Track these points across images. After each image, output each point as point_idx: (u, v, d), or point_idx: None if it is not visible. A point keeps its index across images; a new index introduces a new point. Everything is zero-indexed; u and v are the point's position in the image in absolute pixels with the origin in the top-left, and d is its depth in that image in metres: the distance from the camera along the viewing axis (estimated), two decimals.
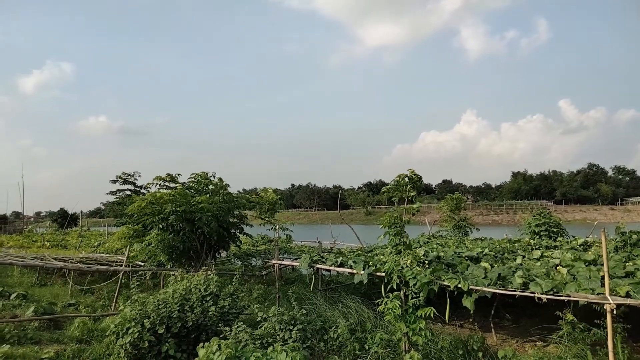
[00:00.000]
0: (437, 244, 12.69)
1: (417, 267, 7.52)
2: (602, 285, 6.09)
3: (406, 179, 9.34)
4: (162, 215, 12.14)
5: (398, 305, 7.23)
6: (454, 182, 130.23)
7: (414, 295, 7.32)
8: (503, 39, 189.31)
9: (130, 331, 6.88)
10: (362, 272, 8.55)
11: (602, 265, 6.17)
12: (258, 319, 7.37)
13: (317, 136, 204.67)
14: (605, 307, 5.77)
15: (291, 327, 6.81)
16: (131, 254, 13.85)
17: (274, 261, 11.01)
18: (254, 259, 16.22)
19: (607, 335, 5.69)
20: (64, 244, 26.39)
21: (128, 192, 18.25)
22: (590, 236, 12.19)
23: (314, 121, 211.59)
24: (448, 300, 7.44)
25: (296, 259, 12.01)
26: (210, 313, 7.49)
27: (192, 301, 7.70)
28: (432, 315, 6.92)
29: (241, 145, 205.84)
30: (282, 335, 6.74)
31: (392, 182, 9.50)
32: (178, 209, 12.09)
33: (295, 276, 15.76)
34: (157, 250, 12.47)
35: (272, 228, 11.97)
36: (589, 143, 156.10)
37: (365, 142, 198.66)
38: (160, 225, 12.16)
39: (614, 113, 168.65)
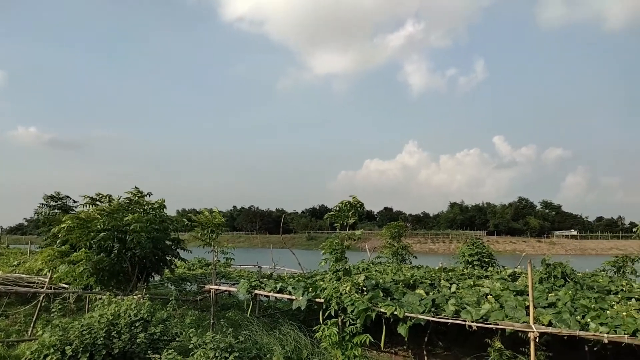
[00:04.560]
0: (376, 270, 12.87)
1: (356, 294, 7.57)
2: (528, 314, 6.42)
3: (348, 205, 9.50)
4: (90, 235, 11.46)
5: (335, 332, 7.23)
6: (394, 210, 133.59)
7: (352, 322, 7.35)
8: (444, 76, 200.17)
9: (48, 358, 6.36)
10: (301, 298, 8.48)
11: (528, 295, 6.52)
12: (190, 346, 7.06)
13: (262, 159, 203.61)
14: (529, 335, 6.08)
15: (227, 355, 6.59)
16: (55, 275, 12.90)
17: (210, 286, 10.67)
18: (189, 283, 15.64)
19: None
20: None
21: (56, 211, 17.15)
22: (518, 267, 12.87)
23: (261, 143, 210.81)
24: (384, 327, 7.52)
25: (234, 284, 11.72)
26: (139, 340, 7.08)
27: (120, 327, 7.24)
28: (367, 342, 6.96)
29: (187, 165, 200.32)
30: None
31: (335, 208, 9.62)
32: (108, 227, 11.47)
33: (232, 302, 15.32)
34: (83, 271, 11.70)
35: (211, 251, 11.62)
36: (520, 178, 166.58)
37: (311, 167, 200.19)
38: (88, 245, 11.47)
39: (544, 151, 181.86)
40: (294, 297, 8.74)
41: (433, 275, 10.79)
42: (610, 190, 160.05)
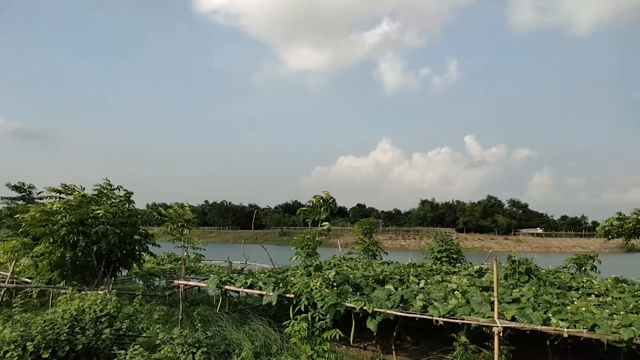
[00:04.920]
0: (347, 266, 12.96)
1: (326, 289, 7.61)
2: (492, 309, 6.59)
3: (321, 201, 9.50)
4: (54, 227, 11.09)
5: (305, 327, 7.24)
6: (367, 207, 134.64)
7: (322, 317, 7.38)
8: (418, 76, 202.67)
9: (8, 355, 6.14)
10: (272, 293, 8.46)
11: (493, 291, 6.69)
12: (158, 342, 6.95)
13: (235, 153, 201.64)
14: (493, 330, 6.24)
15: (194, 350, 6.52)
16: (17, 269, 12.46)
17: (179, 281, 10.52)
18: (157, 278, 15.37)
19: (494, 356, 6.15)
20: None
21: (19, 202, 16.55)
22: (485, 263, 13.19)
23: (235, 138, 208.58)
24: (354, 322, 7.59)
25: (204, 280, 11.58)
26: (104, 336, 6.92)
27: (85, 322, 7.06)
28: (337, 337, 7.01)
29: (159, 159, 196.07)
30: (183, 359, 6.42)
31: (307, 204, 9.61)
32: (72, 220, 11.13)
33: (201, 297, 15.14)
34: (46, 265, 11.33)
35: (181, 246, 11.45)
36: (489, 177, 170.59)
37: (286, 162, 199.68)
38: (52, 238, 11.10)
39: (512, 151, 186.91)
40: (264, 293, 8.71)
41: (402, 271, 10.95)
42: (575, 191, 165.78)
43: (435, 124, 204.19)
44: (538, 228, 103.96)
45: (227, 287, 9.66)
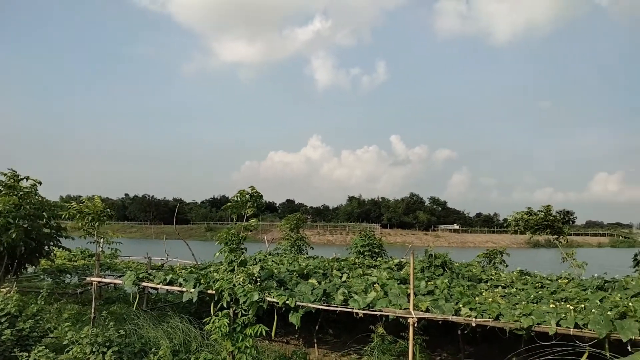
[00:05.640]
0: (273, 261, 12.93)
1: (249, 285, 7.53)
2: (409, 301, 6.90)
3: (247, 196, 9.37)
4: None
5: (226, 324, 7.12)
6: (296, 202, 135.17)
7: (244, 313, 7.30)
8: (348, 74, 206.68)
9: None
10: (193, 290, 8.22)
11: (410, 283, 7.01)
12: (66, 342, 6.51)
13: (161, 145, 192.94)
14: (409, 321, 6.54)
15: (105, 350, 6.17)
16: None
17: (92, 278, 9.90)
18: (69, 275, 14.35)
19: (409, 345, 6.44)
20: None
21: None
22: (405, 257, 13.77)
23: (160, 129, 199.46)
24: (276, 317, 7.59)
25: (120, 276, 11.00)
26: (4, 337, 6.37)
27: None
28: (261, 332, 6.98)
29: (75, 148, 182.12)
30: (93, 359, 6.06)
31: (233, 199, 9.43)
32: None
33: (118, 295, 14.37)
34: None
35: (94, 241, 10.75)
36: (412, 175, 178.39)
37: (215, 156, 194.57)
38: None
39: (434, 151, 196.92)
40: (185, 290, 8.45)
41: (326, 265, 11.12)
42: (488, 190, 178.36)
43: (364, 123, 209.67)
44: (455, 224, 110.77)
45: (145, 284, 9.25)
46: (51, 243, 12.38)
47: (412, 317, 6.47)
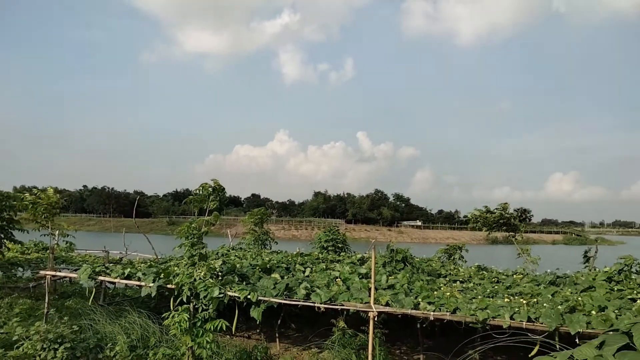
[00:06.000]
0: (236, 255, 12.80)
1: (211, 279, 7.44)
2: (370, 295, 7.00)
3: (210, 189, 9.23)
4: None
5: (186, 318, 7.02)
6: (262, 197, 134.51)
7: (204, 308, 7.21)
8: (316, 70, 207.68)
9: None
10: (152, 284, 8.03)
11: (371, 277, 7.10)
12: (15, 338, 6.24)
13: (120, 136, 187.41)
14: (369, 315, 6.63)
15: (56, 346, 5.96)
16: None
17: (46, 272, 9.51)
18: (21, 268, 13.74)
19: (369, 339, 6.54)
20: None
21: None
22: (367, 252, 13.93)
23: (119, 119, 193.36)
24: (237, 311, 7.54)
25: (76, 270, 10.62)
26: None
27: None
28: (222, 327, 6.91)
29: (30, 139, 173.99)
30: (44, 356, 5.85)
31: (195, 192, 9.28)
32: None
33: (73, 289, 13.89)
34: None
35: (48, 234, 10.34)
36: (377, 172, 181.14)
37: (178, 148, 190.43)
38: None
39: (398, 149, 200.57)
40: (143, 284, 8.25)
41: (290, 260, 11.12)
42: (450, 187, 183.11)
43: (331, 119, 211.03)
44: (418, 221, 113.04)
45: (101, 277, 8.96)
46: (2, 235, 11.82)
47: (373, 311, 6.57)
